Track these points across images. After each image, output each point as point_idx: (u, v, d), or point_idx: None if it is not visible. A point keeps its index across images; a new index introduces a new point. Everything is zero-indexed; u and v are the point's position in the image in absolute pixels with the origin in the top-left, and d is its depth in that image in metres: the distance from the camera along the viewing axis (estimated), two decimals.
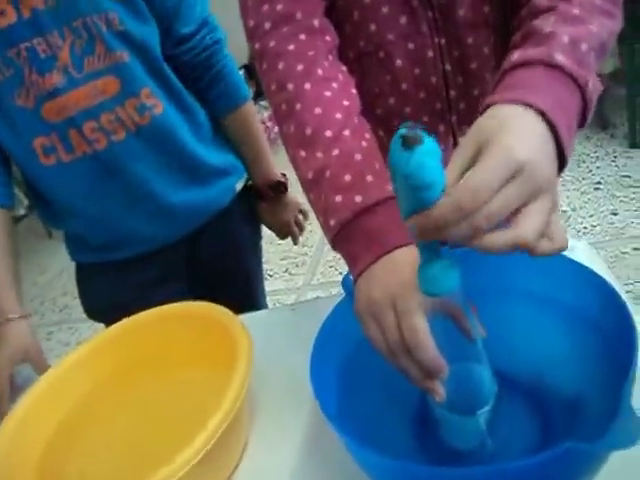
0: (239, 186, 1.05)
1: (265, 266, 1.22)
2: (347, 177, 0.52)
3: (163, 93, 0.89)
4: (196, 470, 0.49)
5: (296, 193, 0.99)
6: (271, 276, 2.55)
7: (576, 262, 0.50)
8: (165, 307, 0.75)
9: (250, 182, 1.09)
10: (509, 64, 0.47)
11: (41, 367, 0.84)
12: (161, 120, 0.89)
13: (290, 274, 2.54)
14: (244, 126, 1.02)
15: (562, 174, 0.46)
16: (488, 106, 0.43)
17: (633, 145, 2.55)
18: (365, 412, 0.52)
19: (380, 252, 0.49)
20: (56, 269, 3.18)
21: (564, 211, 2.30)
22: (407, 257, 0.48)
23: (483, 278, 0.52)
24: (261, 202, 1.11)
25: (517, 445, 0.50)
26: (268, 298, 1.24)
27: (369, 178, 0.52)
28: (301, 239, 1.21)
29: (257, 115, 1.05)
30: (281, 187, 1.09)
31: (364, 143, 0.55)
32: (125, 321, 0.76)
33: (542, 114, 0.41)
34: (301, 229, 1.18)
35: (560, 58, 0.45)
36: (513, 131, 0.39)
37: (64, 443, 0.66)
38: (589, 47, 0.47)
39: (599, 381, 0.45)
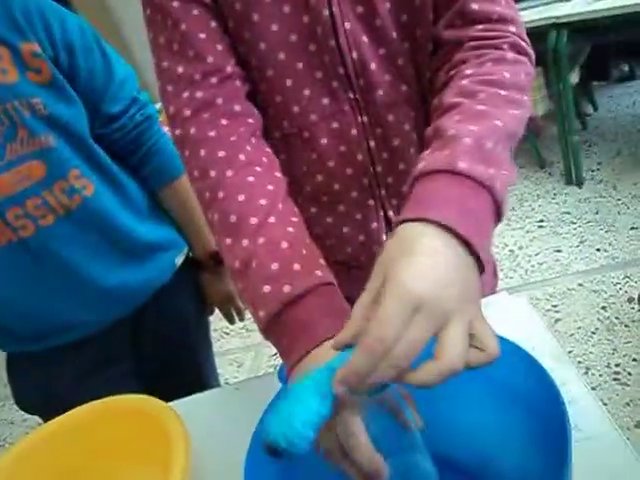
0: (179, 260, 1.02)
1: (222, 324, 1.18)
2: (274, 266, 0.51)
3: (94, 173, 0.87)
4: None
5: None
6: (227, 334, 2.49)
7: (505, 340, 0.50)
8: (96, 403, 0.71)
9: (191, 254, 1.07)
10: (416, 173, 0.47)
11: None
12: (92, 201, 0.86)
13: (247, 330, 2.49)
14: (179, 199, 1.01)
15: (504, 219, 0.46)
16: (398, 223, 0.43)
17: (569, 182, 2.67)
18: None
19: (311, 345, 0.48)
20: None
21: (511, 250, 2.37)
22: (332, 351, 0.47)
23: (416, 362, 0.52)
24: (203, 273, 1.08)
25: None
26: (225, 357, 1.20)
27: (296, 266, 0.51)
28: None
29: (191, 189, 1.02)
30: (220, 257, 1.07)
31: (290, 229, 0.54)
32: (57, 420, 0.71)
33: (446, 228, 0.40)
34: (237, 308, 1.13)
35: (463, 165, 0.44)
36: (411, 260, 0.38)
37: None
38: (495, 143, 0.47)
39: (540, 463, 0.45)
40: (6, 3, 0.80)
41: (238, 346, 2.40)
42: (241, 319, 1.16)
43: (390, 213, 0.71)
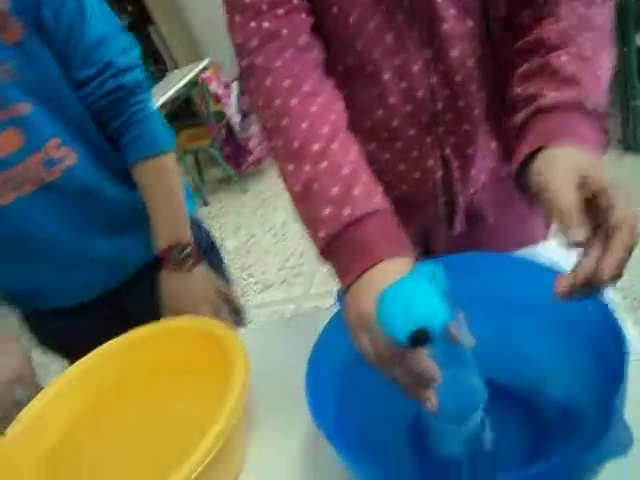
0: None
1: (263, 277, 1.21)
2: (335, 190, 0.53)
3: (76, 141, 0.82)
4: None
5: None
6: (269, 287, 2.55)
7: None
8: (159, 323, 0.75)
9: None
10: (546, 104, 0.54)
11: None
12: (74, 171, 0.82)
13: (288, 284, 2.54)
14: (154, 179, 0.88)
15: None
16: (540, 148, 0.51)
17: (627, 148, 2.56)
18: (362, 423, 0.52)
19: (368, 264, 0.50)
20: None
21: None
22: (395, 268, 0.48)
23: (477, 289, 0.53)
24: (164, 271, 0.87)
25: (512, 455, 0.50)
26: (267, 309, 1.23)
27: (356, 191, 0.53)
28: (299, 249, 1.15)
29: (175, 169, 0.89)
30: (191, 252, 0.87)
31: (351, 156, 0.56)
32: (123, 336, 0.76)
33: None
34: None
35: (589, 106, 0.53)
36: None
37: (66, 455, 0.67)
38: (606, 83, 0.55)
39: (593, 391, 0.46)
40: None
41: (279, 299, 2.46)
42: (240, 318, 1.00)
43: (447, 151, 0.71)
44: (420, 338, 0.41)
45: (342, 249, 0.52)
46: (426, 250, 0.85)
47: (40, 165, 0.80)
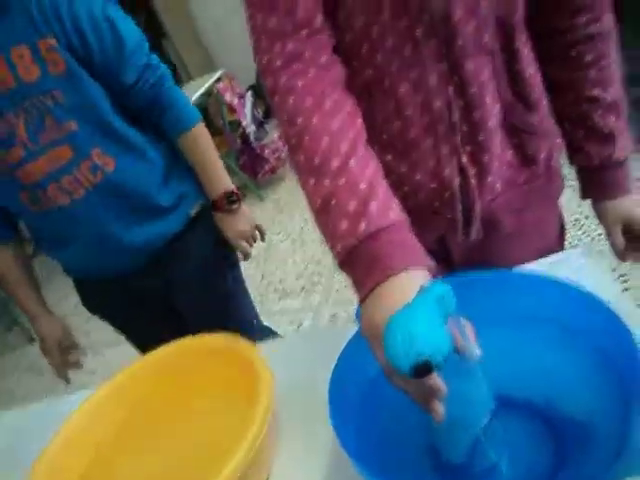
0: (193, 211, 1.15)
1: (281, 285, 1.25)
2: (352, 205, 0.55)
3: (114, 149, 1.02)
4: None
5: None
6: (288, 295, 2.57)
7: (579, 288, 0.52)
8: (184, 341, 0.77)
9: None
10: (592, 165, 0.80)
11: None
12: (114, 175, 1.02)
13: (307, 292, 2.55)
14: (196, 146, 1.13)
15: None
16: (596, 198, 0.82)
17: None
18: (383, 440, 0.54)
19: (381, 277, 0.52)
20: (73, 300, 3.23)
21: (577, 219, 2.29)
22: (407, 281, 0.50)
23: (489, 304, 0.54)
24: (217, 213, 1.19)
25: (531, 472, 0.51)
26: (285, 317, 1.26)
27: (373, 206, 0.55)
28: (317, 256, 1.24)
29: (207, 136, 1.16)
30: (233, 197, 1.17)
31: (368, 172, 0.58)
32: (149, 355, 0.78)
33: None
34: (250, 244, 1.24)
35: (620, 156, 0.78)
36: None
37: (101, 471, 0.70)
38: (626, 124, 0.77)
39: (607, 407, 0.46)
40: (24, 3, 0.90)
41: (297, 307, 2.48)
42: (245, 258, 1.26)
43: (464, 160, 0.72)
44: (423, 370, 0.43)
45: (357, 263, 0.54)
46: (443, 256, 0.86)
47: (88, 171, 1.00)
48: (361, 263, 0.54)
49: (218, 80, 3.52)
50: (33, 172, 0.97)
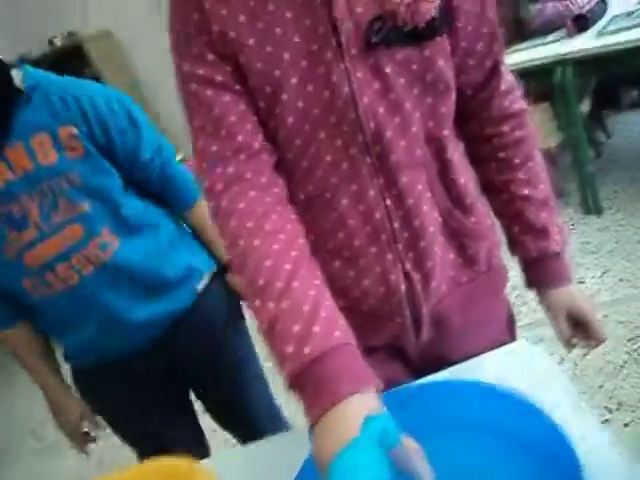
0: (200, 286, 1.16)
1: None
2: (296, 328, 0.56)
3: (119, 229, 1.04)
4: None
5: None
6: None
7: (518, 395, 0.53)
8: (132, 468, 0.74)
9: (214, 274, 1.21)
10: (533, 256, 0.84)
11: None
12: (119, 253, 1.04)
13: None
14: (203, 218, 1.17)
15: None
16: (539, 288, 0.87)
17: (587, 211, 2.67)
18: None
19: (328, 404, 0.52)
20: None
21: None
22: (354, 407, 0.51)
23: (435, 416, 0.55)
24: (229, 274, 1.21)
25: None
26: None
27: (316, 328, 0.56)
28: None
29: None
30: None
31: (312, 292, 0.59)
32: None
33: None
34: None
35: (558, 250, 0.84)
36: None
37: None
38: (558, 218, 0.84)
39: None
40: (45, 92, 0.94)
41: None
42: None
43: (407, 266, 0.75)
44: None
45: (305, 387, 0.55)
46: (399, 353, 0.87)
47: (97, 248, 1.02)
48: (309, 387, 0.54)
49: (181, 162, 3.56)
50: (43, 253, 0.98)
